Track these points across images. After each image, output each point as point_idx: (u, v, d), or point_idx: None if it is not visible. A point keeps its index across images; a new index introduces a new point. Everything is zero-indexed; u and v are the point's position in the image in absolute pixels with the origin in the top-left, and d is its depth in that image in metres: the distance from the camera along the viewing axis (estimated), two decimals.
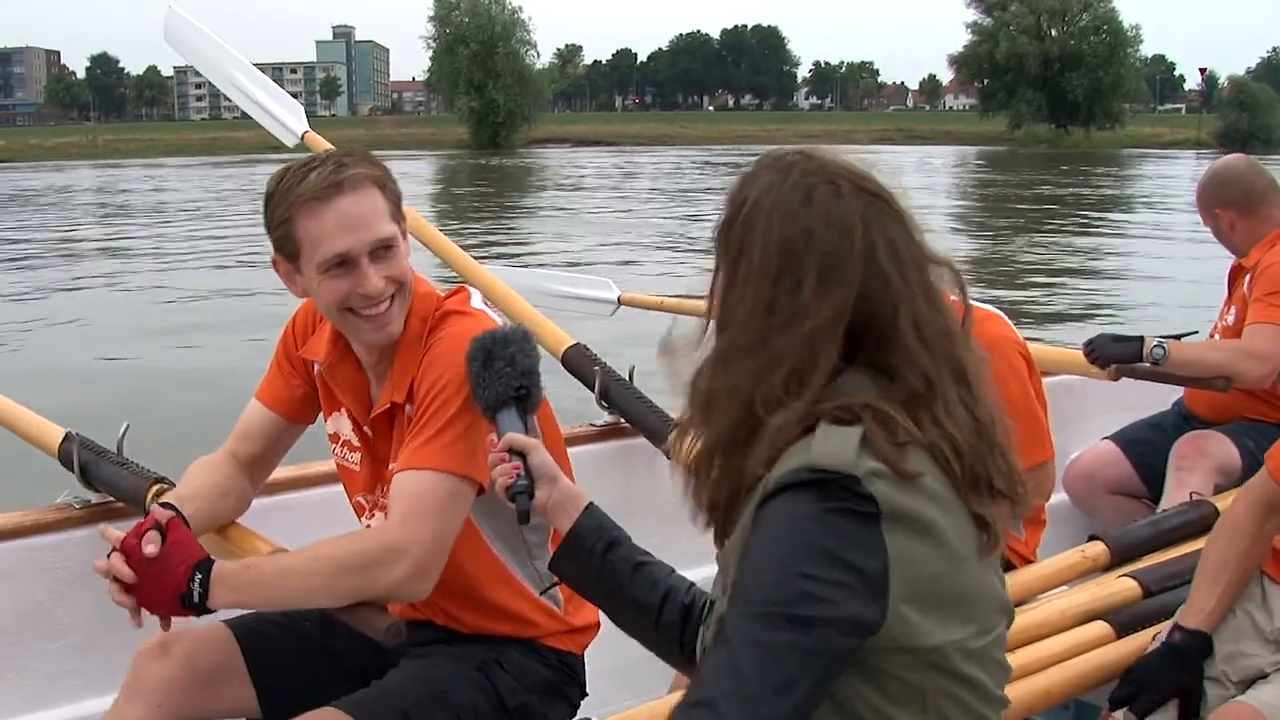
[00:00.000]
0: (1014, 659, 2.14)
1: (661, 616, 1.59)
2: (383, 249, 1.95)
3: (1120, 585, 2.45)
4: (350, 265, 1.93)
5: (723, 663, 1.23)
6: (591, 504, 1.64)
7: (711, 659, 1.25)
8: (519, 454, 1.63)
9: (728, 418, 1.36)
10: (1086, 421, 3.81)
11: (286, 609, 2.02)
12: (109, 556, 1.85)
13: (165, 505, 1.98)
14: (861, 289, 1.32)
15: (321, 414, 2.21)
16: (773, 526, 1.27)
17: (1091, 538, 2.68)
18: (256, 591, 1.88)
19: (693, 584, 1.63)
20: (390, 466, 2.04)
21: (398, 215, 1.99)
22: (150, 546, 1.84)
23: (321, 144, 3.50)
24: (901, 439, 1.29)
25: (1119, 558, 2.61)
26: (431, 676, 2.03)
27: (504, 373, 1.75)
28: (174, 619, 1.88)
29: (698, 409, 1.40)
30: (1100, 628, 2.31)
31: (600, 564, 1.60)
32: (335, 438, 2.19)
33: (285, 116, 3.61)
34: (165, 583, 1.83)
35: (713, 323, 1.40)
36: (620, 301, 4.10)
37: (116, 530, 1.88)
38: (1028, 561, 2.78)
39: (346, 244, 1.92)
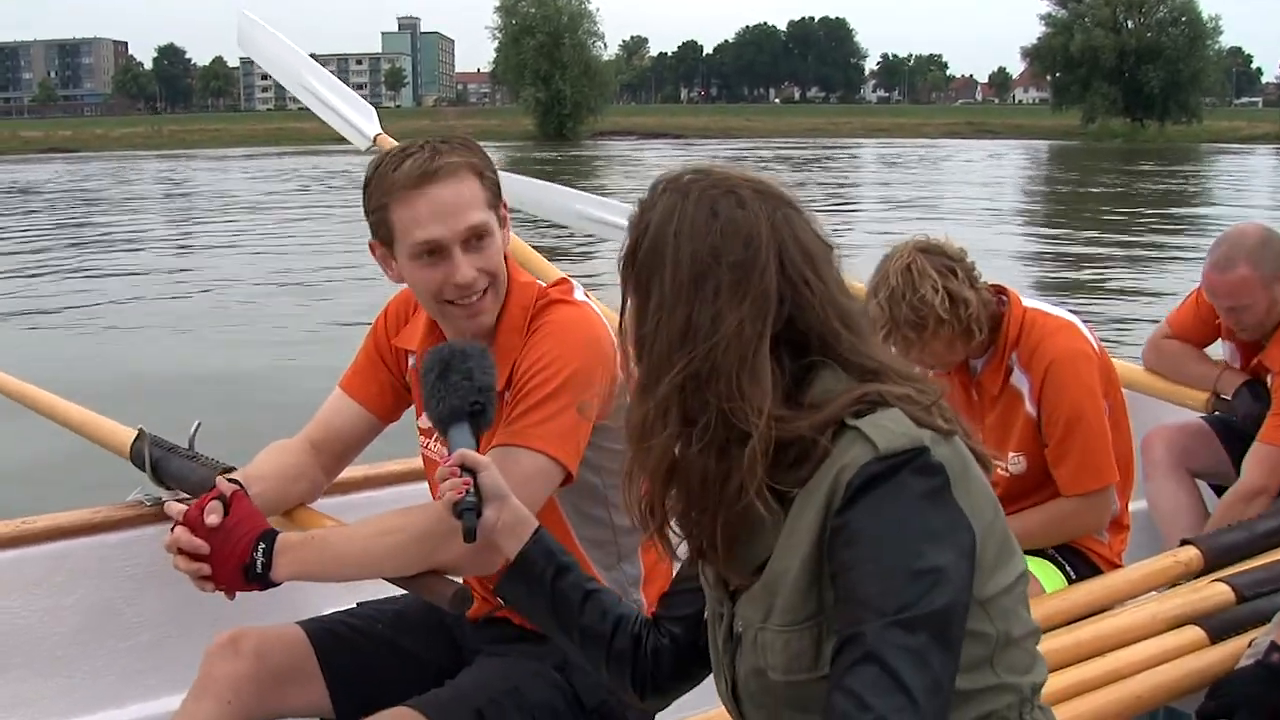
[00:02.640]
0: (1105, 663, 2.14)
1: (613, 645, 1.57)
2: (475, 238, 1.93)
3: (1213, 590, 2.39)
4: (442, 254, 1.93)
5: (880, 679, 1.20)
6: (540, 529, 1.61)
7: (858, 677, 1.21)
8: (469, 471, 1.58)
9: (668, 442, 1.33)
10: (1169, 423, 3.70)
11: (352, 579, 2.01)
12: (173, 530, 1.86)
13: (230, 480, 1.98)
14: (781, 296, 1.31)
15: (413, 410, 2.19)
16: (869, 529, 1.26)
17: (1183, 542, 2.62)
18: (321, 560, 1.89)
19: (640, 613, 1.61)
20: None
21: (495, 203, 1.97)
22: (212, 517, 1.85)
23: (394, 146, 3.49)
24: (924, 403, 1.31)
25: (1212, 563, 2.54)
26: (507, 675, 2.00)
27: (461, 386, 1.67)
28: (240, 609, 1.90)
29: (634, 442, 1.37)
30: (1193, 633, 2.25)
31: (550, 591, 1.58)
32: (429, 432, 2.16)
33: (357, 119, 3.58)
34: (228, 554, 1.84)
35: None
36: None
37: (180, 505, 1.90)
38: (1114, 566, 2.73)
39: (438, 232, 1.91)
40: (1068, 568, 2.68)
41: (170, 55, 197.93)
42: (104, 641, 2.46)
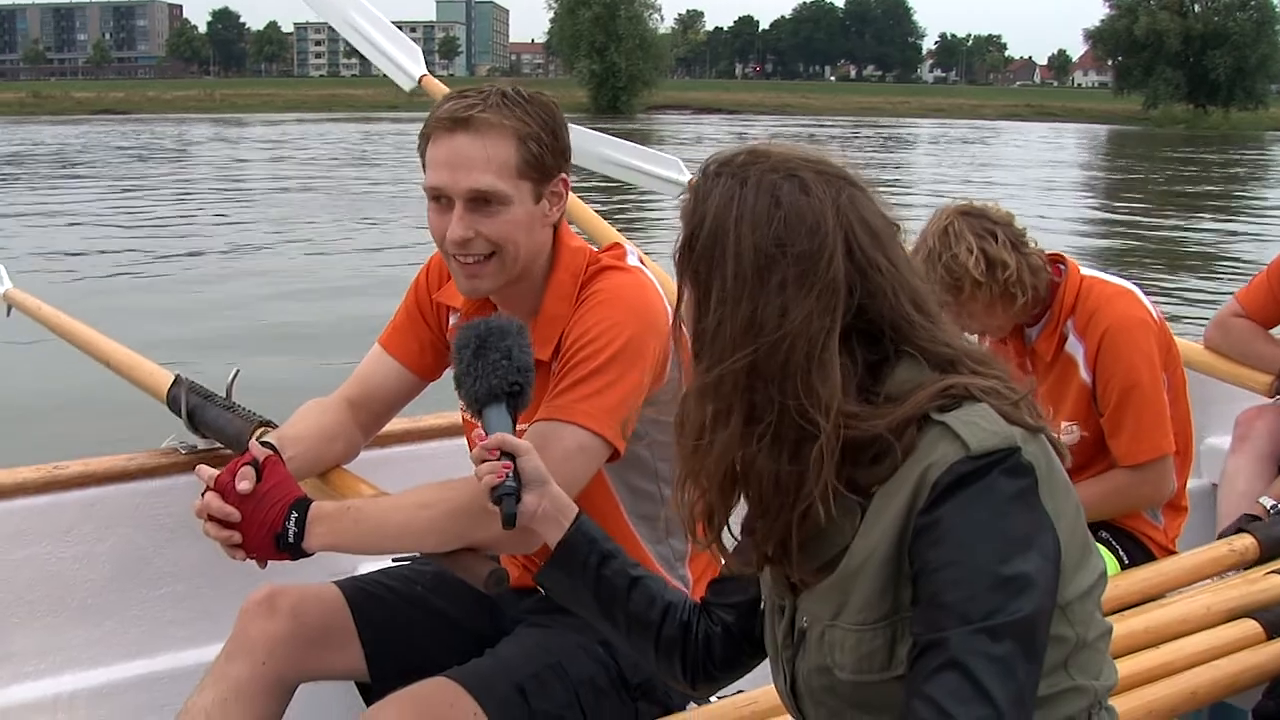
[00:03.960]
0: (1157, 655, 2.07)
1: (662, 632, 1.53)
2: (481, 201, 1.85)
3: (1269, 583, 2.31)
4: (448, 204, 1.86)
5: (962, 688, 1.16)
6: (582, 514, 1.56)
7: (940, 684, 1.16)
8: (509, 455, 1.51)
9: (730, 442, 1.27)
10: (1226, 405, 3.59)
11: (386, 553, 1.95)
12: (203, 495, 1.81)
13: (264, 444, 1.92)
14: (851, 285, 1.25)
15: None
16: (957, 531, 1.20)
17: (1239, 530, 2.53)
18: (356, 533, 1.83)
19: (688, 598, 1.56)
20: (518, 426, 1.98)
21: (532, 174, 1.87)
22: (244, 483, 1.79)
23: (439, 88, 3.40)
24: (1012, 398, 1.26)
25: (1267, 552, 2.46)
26: (550, 648, 1.94)
27: (499, 365, 1.58)
28: (274, 567, 1.84)
29: (691, 441, 1.30)
30: (1249, 626, 2.18)
31: (594, 579, 1.53)
32: None
33: (402, 59, 3.48)
34: (260, 521, 1.79)
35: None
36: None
37: (211, 469, 1.84)
38: (1168, 552, 2.66)
39: (443, 180, 1.85)
40: (1121, 552, 2.62)
41: (224, 19, 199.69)
42: (135, 590, 2.43)
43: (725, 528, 1.36)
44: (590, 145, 3.52)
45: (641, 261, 2.01)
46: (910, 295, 1.28)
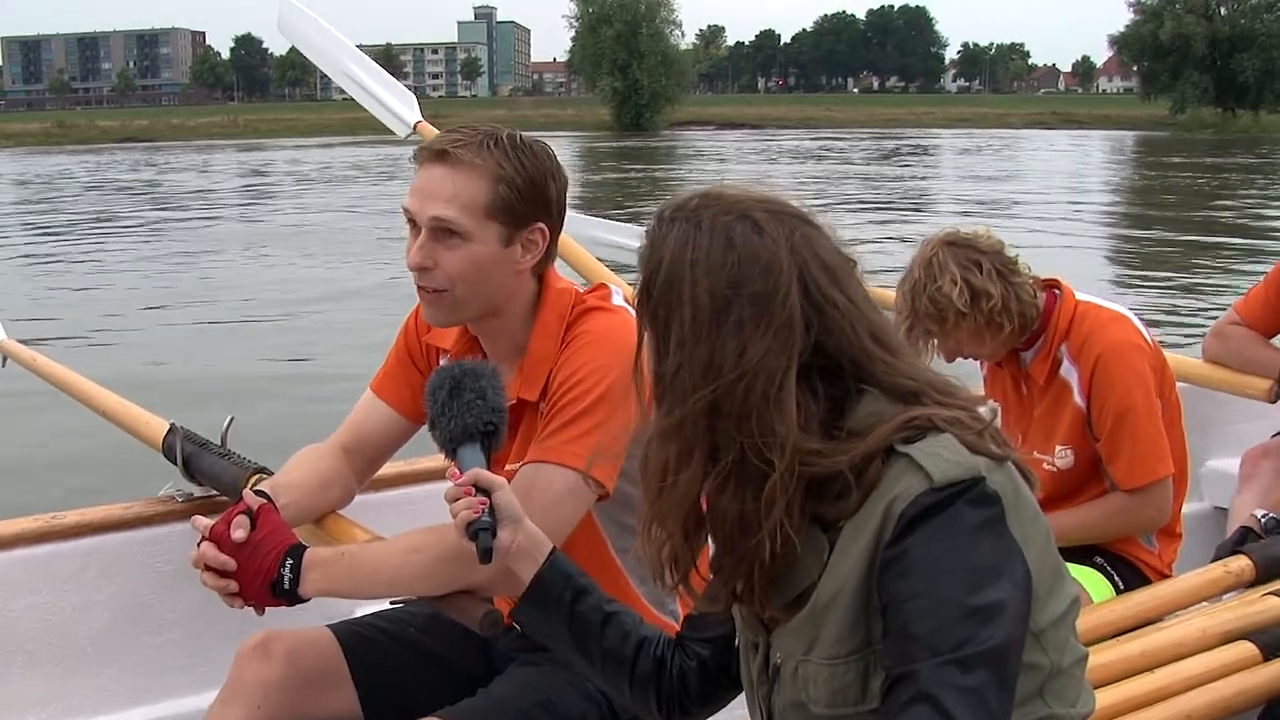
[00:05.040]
0: (1153, 679, 2.08)
1: (636, 668, 1.54)
2: (444, 232, 1.89)
3: (1265, 604, 2.29)
4: (416, 229, 1.91)
5: None
6: (556, 550, 1.58)
7: (911, 717, 1.16)
8: (484, 491, 1.54)
9: (691, 483, 1.28)
10: (1226, 427, 3.58)
11: (381, 597, 1.98)
12: (199, 545, 1.84)
13: (258, 493, 1.95)
14: (808, 322, 1.25)
15: None
16: (923, 563, 1.20)
17: (1235, 551, 2.52)
18: (350, 578, 1.85)
19: (663, 633, 1.57)
20: (506, 466, 1.97)
21: (498, 217, 1.90)
22: (239, 532, 1.82)
23: (434, 134, 3.47)
24: (975, 428, 1.26)
25: (1263, 573, 2.44)
26: (540, 685, 1.97)
27: (475, 405, 1.64)
28: (270, 611, 1.86)
29: (655, 483, 1.31)
30: (1245, 648, 2.17)
31: (568, 614, 1.54)
32: None
33: (398, 106, 3.55)
34: (255, 570, 1.82)
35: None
36: None
37: (206, 519, 1.87)
38: (1163, 576, 2.65)
39: (411, 205, 1.90)
40: (1116, 577, 2.61)
41: (247, 45, 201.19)
42: (135, 638, 2.46)
43: (694, 568, 1.36)
44: (585, 230, 3.57)
45: (627, 301, 2.03)
46: (869, 329, 1.29)
